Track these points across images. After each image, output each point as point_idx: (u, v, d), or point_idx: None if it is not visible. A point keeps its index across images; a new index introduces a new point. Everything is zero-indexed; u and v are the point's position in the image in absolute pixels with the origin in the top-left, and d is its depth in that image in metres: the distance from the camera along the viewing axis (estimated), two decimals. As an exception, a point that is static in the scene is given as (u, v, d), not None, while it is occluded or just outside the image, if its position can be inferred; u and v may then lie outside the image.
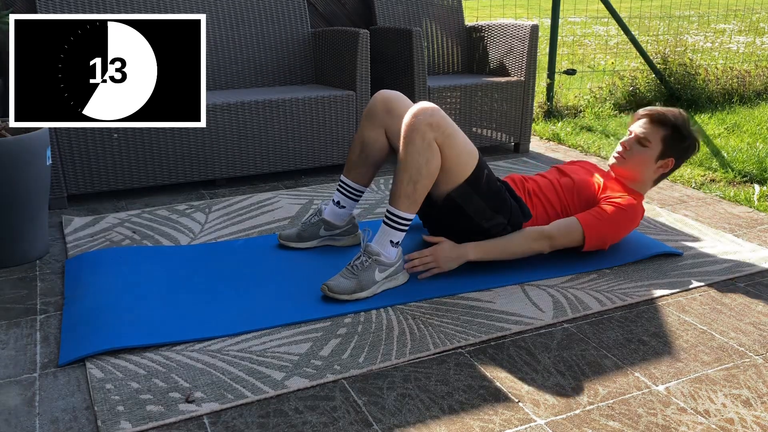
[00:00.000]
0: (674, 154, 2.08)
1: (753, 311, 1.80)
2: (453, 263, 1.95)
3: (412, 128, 1.81)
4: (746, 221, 2.47)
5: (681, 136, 2.06)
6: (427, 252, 1.95)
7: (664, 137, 2.06)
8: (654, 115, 2.08)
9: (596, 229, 2.00)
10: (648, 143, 2.07)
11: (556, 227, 2.00)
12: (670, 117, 2.06)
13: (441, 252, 1.94)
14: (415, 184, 1.83)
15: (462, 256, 1.96)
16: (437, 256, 1.94)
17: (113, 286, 1.88)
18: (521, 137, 3.50)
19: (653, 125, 2.08)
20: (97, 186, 2.69)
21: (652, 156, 2.08)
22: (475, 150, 1.93)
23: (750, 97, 4.71)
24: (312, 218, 2.20)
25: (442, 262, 1.94)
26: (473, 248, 1.97)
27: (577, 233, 1.99)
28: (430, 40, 3.68)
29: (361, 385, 1.47)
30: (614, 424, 1.35)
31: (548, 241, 1.99)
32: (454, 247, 1.96)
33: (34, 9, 2.89)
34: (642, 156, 2.08)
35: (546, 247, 2.00)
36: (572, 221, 2.00)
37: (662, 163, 2.09)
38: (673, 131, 2.06)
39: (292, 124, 2.94)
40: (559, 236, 2.00)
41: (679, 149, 2.08)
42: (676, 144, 2.07)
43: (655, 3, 11.77)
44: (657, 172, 2.12)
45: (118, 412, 1.36)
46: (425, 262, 1.94)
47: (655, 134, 2.07)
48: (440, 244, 1.96)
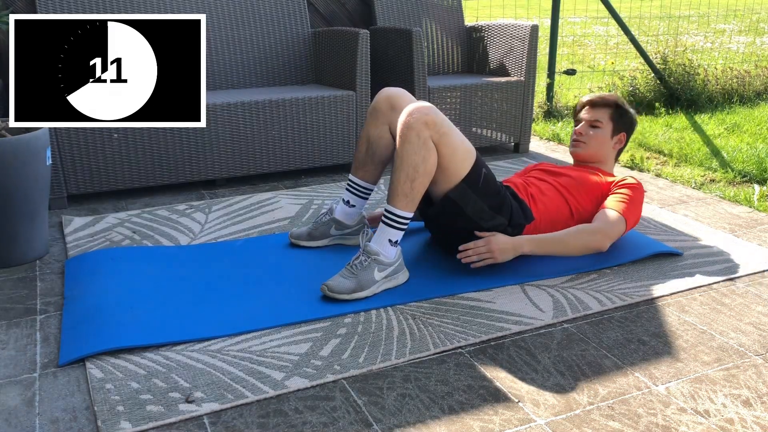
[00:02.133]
0: (623, 127, 2.28)
1: (753, 311, 1.80)
2: (508, 254, 1.95)
3: (407, 126, 1.82)
4: (746, 221, 2.47)
5: (624, 110, 2.28)
6: (482, 242, 1.94)
7: (611, 115, 2.26)
8: (594, 99, 2.29)
9: (632, 214, 2.08)
10: (599, 123, 2.26)
11: (603, 222, 2.03)
12: (608, 98, 2.29)
13: (496, 243, 1.94)
14: (412, 182, 1.83)
15: (518, 248, 1.96)
16: (492, 246, 1.93)
17: (113, 286, 1.88)
18: (521, 137, 3.50)
19: (597, 108, 2.28)
20: (97, 186, 2.69)
21: (607, 134, 2.26)
22: (472, 149, 1.93)
23: (750, 97, 4.71)
24: (323, 217, 2.20)
25: (497, 253, 1.93)
26: (529, 241, 1.97)
27: (621, 222, 2.04)
28: (430, 40, 3.68)
29: (361, 385, 1.47)
30: (614, 424, 1.35)
31: (603, 234, 2.01)
32: (509, 238, 1.96)
33: (34, 9, 2.89)
34: (598, 136, 2.26)
35: (604, 240, 2.01)
36: (612, 213, 2.04)
37: (616, 138, 2.28)
38: (615, 108, 2.27)
39: (292, 124, 2.94)
40: (610, 229, 2.02)
41: (625, 122, 2.28)
42: (622, 118, 2.27)
43: (655, 3, 11.77)
44: (615, 148, 2.30)
45: (118, 412, 1.36)
46: (480, 252, 1.93)
47: (602, 114, 2.26)
48: (495, 235, 1.96)
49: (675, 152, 3.39)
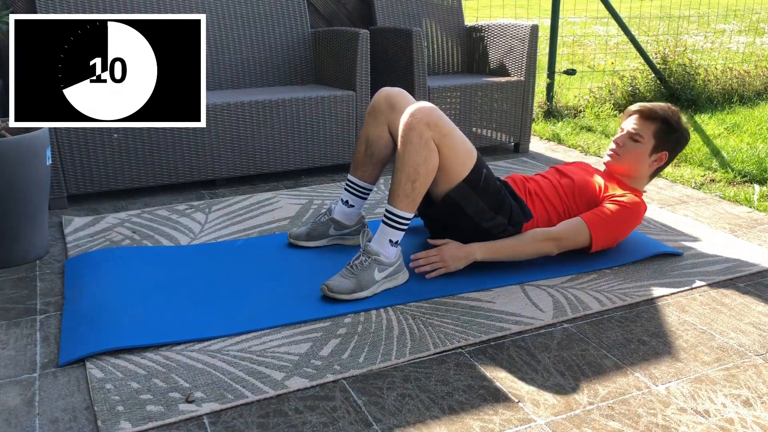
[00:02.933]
0: (667, 147, 2.12)
1: (753, 311, 1.80)
2: (460, 263, 1.95)
3: (409, 127, 1.82)
4: (746, 221, 2.47)
5: (671, 129, 2.11)
6: (434, 251, 1.95)
7: (656, 131, 2.10)
8: (644, 110, 2.13)
9: (603, 229, 2.00)
10: (641, 138, 2.11)
11: (563, 228, 2.00)
12: (659, 111, 2.11)
13: (447, 251, 1.94)
14: (413, 183, 1.83)
15: (469, 256, 1.95)
16: (444, 255, 1.94)
17: (113, 286, 1.88)
18: (521, 137, 3.50)
19: (644, 120, 2.12)
20: (97, 186, 2.69)
21: (646, 151, 2.11)
22: (473, 149, 1.93)
23: (750, 97, 4.71)
24: (322, 218, 2.20)
25: (449, 262, 1.94)
26: (480, 248, 1.96)
27: (584, 234, 1.99)
28: (430, 40, 3.68)
29: (361, 385, 1.47)
30: (614, 424, 1.35)
31: (556, 242, 1.99)
32: (461, 247, 1.96)
33: (34, 9, 2.89)
34: (636, 151, 2.12)
35: (554, 248, 2.00)
36: (579, 222, 2.00)
37: (656, 156, 2.13)
38: (663, 124, 2.10)
39: (292, 124, 2.94)
40: (566, 237, 1.99)
41: (671, 142, 2.12)
42: (668, 137, 2.11)
43: (655, 3, 11.77)
44: (652, 167, 2.15)
45: (118, 412, 1.36)
46: (431, 262, 1.94)
47: (647, 129, 2.11)
48: (447, 243, 1.96)
49: (675, 152, 3.39)
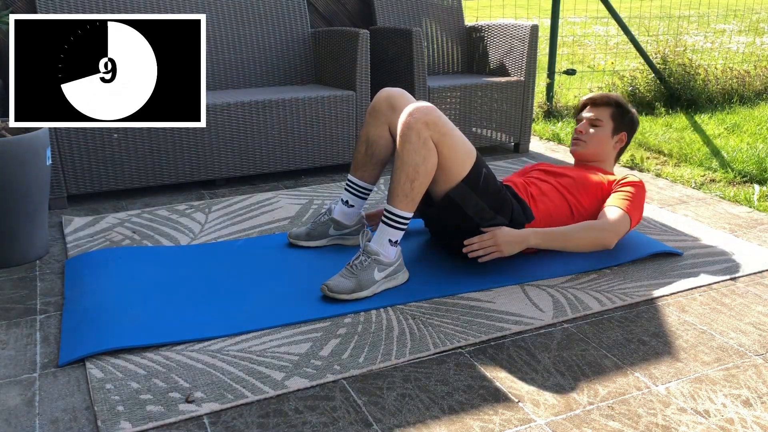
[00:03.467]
0: (624, 127, 2.28)
1: (753, 311, 1.80)
2: (514, 247, 1.94)
3: (408, 127, 1.82)
4: (746, 221, 2.47)
5: (625, 110, 2.28)
6: (488, 235, 1.93)
7: (612, 114, 2.27)
8: (596, 97, 2.30)
9: (635, 212, 2.09)
10: (600, 122, 2.27)
11: (609, 219, 2.03)
12: (609, 96, 2.29)
13: (502, 236, 1.93)
14: (412, 182, 1.83)
15: (524, 241, 1.95)
16: (498, 239, 1.92)
17: (113, 286, 1.88)
18: (521, 137, 3.50)
19: (598, 107, 2.29)
20: (97, 186, 2.69)
21: (607, 133, 2.27)
22: (472, 149, 1.93)
23: (750, 97, 4.71)
24: (322, 217, 2.20)
25: (504, 246, 1.92)
26: (535, 233, 1.97)
27: (626, 219, 2.04)
28: (430, 40, 3.68)
29: (361, 385, 1.47)
30: (614, 424, 1.35)
31: (609, 232, 2.01)
32: (516, 231, 1.95)
33: (34, 9, 2.89)
34: (598, 135, 2.27)
35: (613, 237, 2.02)
36: (617, 211, 2.05)
37: (617, 137, 2.28)
38: (617, 107, 2.27)
39: (292, 124, 2.94)
40: (615, 226, 2.02)
41: (627, 122, 2.29)
42: (623, 117, 2.28)
43: (655, 3, 11.77)
44: (615, 148, 2.30)
45: (118, 412, 1.36)
46: (485, 246, 1.93)
47: (603, 113, 2.27)
48: (500, 228, 1.95)
49: (675, 152, 3.39)
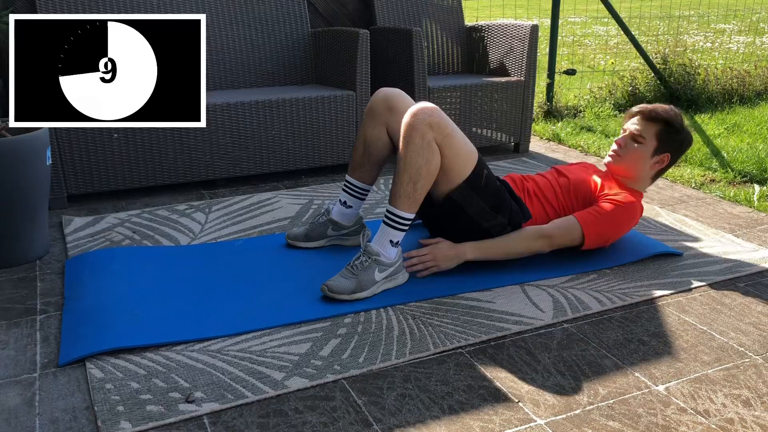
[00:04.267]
0: (669, 148, 2.09)
1: (753, 311, 1.80)
2: (451, 262, 1.96)
3: (411, 128, 1.82)
4: (746, 221, 2.47)
5: (674, 130, 2.08)
6: (426, 251, 1.96)
7: (658, 132, 2.08)
8: (646, 111, 2.11)
9: (595, 227, 2.00)
10: (642, 139, 2.09)
11: (554, 226, 2.01)
12: (662, 112, 2.09)
13: (439, 251, 1.95)
14: (414, 183, 1.83)
15: (460, 255, 1.96)
16: (436, 254, 1.95)
17: (113, 286, 1.88)
18: (521, 137, 3.50)
19: (646, 121, 2.10)
20: (97, 186, 2.69)
21: (648, 152, 2.09)
22: (474, 150, 1.94)
23: (750, 97, 4.71)
24: (320, 218, 2.20)
25: (441, 261, 1.95)
26: (471, 247, 1.97)
27: (576, 232, 1.99)
28: (430, 40, 3.68)
29: (361, 385, 1.47)
30: (614, 424, 1.35)
31: (547, 240, 2.00)
32: (452, 246, 1.97)
33: (34, 9, 2.89)
34: (637, 152, 2.09)
35: (546, 246, 2.00)
36: (570, 220, 2.00)
37: (658, 158, 2.10)
38: (666, 126, 2.08)
39: (292, 124, 2.94)
40: (558, 235, 2.00)
41: (674, 143, 2.09)
42: (670, 138, 2.08)
43: (655, 3, 11.77)
44: (654, 168, 2.12)
45: (118, 412, 1.36)
46: (424, 261, 1.95)
47: (649, 130, 2.09)
48: (438, 243, 1.97)
49: (675, 152, 3.39)
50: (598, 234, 2.01)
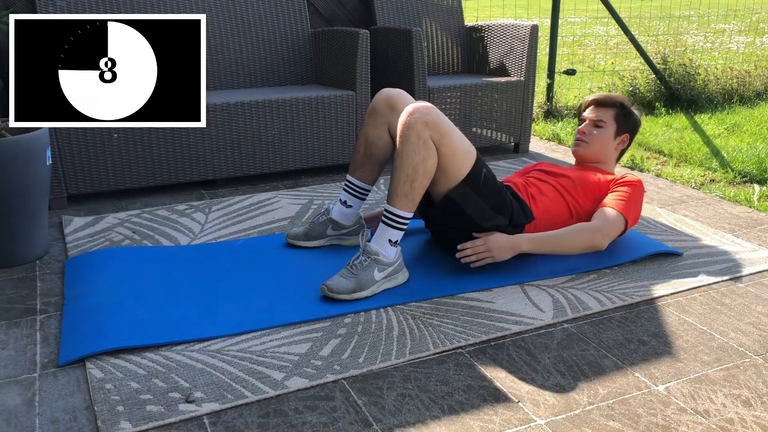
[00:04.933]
0: (627, 128, 2.27)
1: (753, 311, 1.80)
2: (506, 253, 1.96)
3: (407, 126, 1.82)
4: (746, 221, 2.47)
5: (628, 111, 2.27)
6: (480, 241, 1.94)
7: (615, 115, 2.25)
8: (599, 98, 2.29)
9: (631, 211, 2.08)
10: (603, 123, 2.25)
11: (601, 221, 2.03)
12: (615, 97, 2.28)
13: (494, 242, 1.94)
14: (412, 182, 1.83)
15: (516, 246, 1.96)
16: (491, 245, 1.94)
17: (113, 286, 1.88)
18: (521, 137, 3.50)
19: (602, 108, 2.27)
20: (97, 186, 2.69)
21: (610, 134, 2.25)
22: (472, 149, 1.93)
23: (750, 97, 4.71)
24: (320, 218, 2.20)
25: (496, 252, 1.94)
26: (528, 239, 1.98)
27: (621, 220, 2.04)
28: (430, 40, 3.68)
29: (361, 385, 1.47)
30: (614, 424, 1.35)
31: (599, 233, 2.01)
32: (508, 237, 1.96)
33: (34, 9, 2.89)
34: (601, 136, 2.25)
35: (603, 240, 2.02)
36: (611, 212, 2.05)
37: (619, 139, 2.27)
38: (620, 108, 2.26)
39: (292, 124, 2.94)
40: (608, 228, 2.03)
41: (629, 123, 2.27)
42: (626, 119, 2.26)
43: (655, 3, 11.78)
44: (617, 149, 2.29)
45: (118, 412, 1.36)
46: (478, 252, 1.94)
47: (607, 114, 2.25)
48: (493, 234, 1.96)
49: (675, 152, 3.39)
50: (634, 217, 2.10)
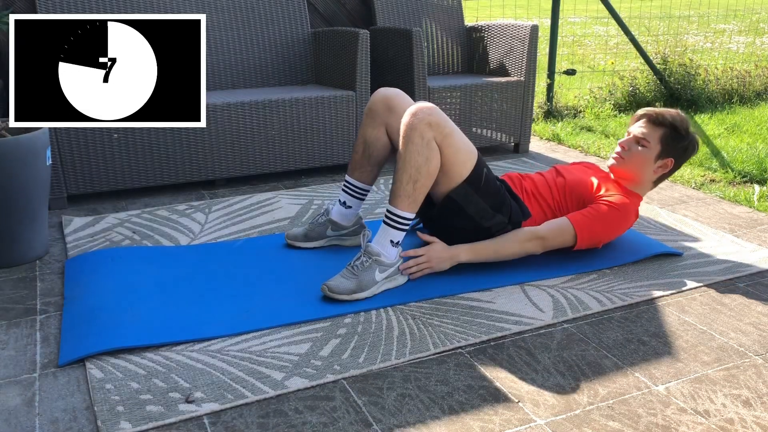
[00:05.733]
0: (673, 153, 2.08)
1: (753, 311, 1.80)
2: (445, 264, 1.96)
3: (410, 127, 1.82)
4: (746, 221, 2.47)
5: (679, 136, 2.06)
6: (421, 251, 1.96)
7: (663, 137, 2.06)
8: (652, 115, 2.09)
9: (588, 229, 1.99)
10: (646, 143, 2.07)
11: (547, 227, 2.01)
12: (668, 117, 2.07)
13: (434, 252, 1.95)
14: (414, 183, 1.83)
15: (454, 257, 1.96)
16: (430, 256, 1.95)
17: (113, 286, 1.88)
18: (521, 137, 3.50)
19: (651, 125, 2.08)
20: (97, 186, 2.69)
21: (651, 156, 2.07)
22: (474, 150, 1.94)
23: (750, 97, 4.71)
24: (319, 218, 2.20)
25: (435, 262, 1.95)
26: (465, 250, 1.97)
27: (568, 233, 1.99)
28: (430, 40, 3.68)
29: (361, 385, 1.47)
30: (614, 424, 1.35)
31: (540, 241, 2.00)
32: (446, 248, 1.97)
33: (34, 9, 2.89)
34: (641, 156, 2.08)
35: (538, 247, 2.00)
36: (563, 221, 2.01)
37: (661, 163, 2.08)
38: (671, 131, 2.06)
39: (292, 124, 2.94)
40: (550, 237, 2.00)
41: (678, 149, 2.07)
42: (675, 143, 2.06)
43: (655, 3, 11.78)
44: (656, 173, 2.11)
45: (118, 412, 1.36)
46: (419, 263, 1.94)
47: (654, 134, 2.07)
48: (433, 244, 1.97)
49: (675, 152, 3.39)
50: (590, 235, 2.00)
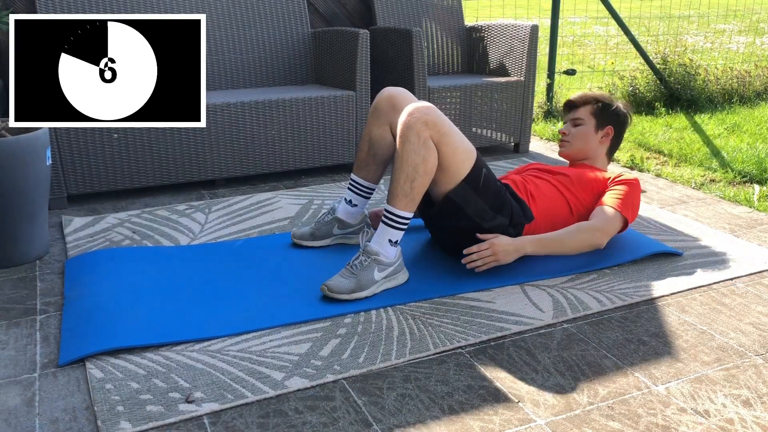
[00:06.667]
0: (608, 121, 2.29)
1: (753, 311, 1.80)
2: (511, 256, 1.96)
3: (407, 126, 1.82)
4: (746, 221, 2.47)
5: (606, 105, 2.29)
6: (485, 245, 1.94)
7: (592, 111, 2.29)
8: (574, 99, 2.34)
9: (629, 210, 2.09)
10: (581, 121, 2.29)
11: (600, 219, 2.05)
12: (587, 95, 2.33)
13: (499, 245, 1.94)
14: (412, 182, 1.83)
15: (520, 249, 1.97)
16: (495, 249, 1.94)
17: (113, 286, 1.88)
18: (521, 137, 3.50)
19: (578, 107, 2.32)
20: (97, 186, 2.69)
21: (590, 130, 2.29)
22: (472, 149, 1.94)
23: (750, 97, 4.71)
24: (325, 217, 2.20)
25: (501, 255, 1.94)
26: (531, 241, 1.98)
27: (618, 219, 2.06)
28: (430, 40, 3.68)
29: (361, 385, 1.47)
30: (614, 424, 1.35)
31: (600, 232, 2.03)
32: (512, 240, 1.97)
33: (34, 9, 2.89)
34: (581, 133, 2.29)
35: (601, 237, 2.04)
36: (609, 210, 2.06)
37: (602, 132, 2.29)
38: (596, 103, 2.30)
39: (292, 124, 2.94)
40: (607, 226, 2.04)
41: (610, 115, 2.29)
42: (605, 112, 2.29)
43: (655, 3, 11.78)
44: (603, 142, 2.30)
45: (118, 412, 1.36)
46: (483, 256, 1.93)
47: (584, 112, 2.30)
48: (497, 237, 1.96)
49: (675, 152, 3.39)
50: (631, 215, 2.11)
